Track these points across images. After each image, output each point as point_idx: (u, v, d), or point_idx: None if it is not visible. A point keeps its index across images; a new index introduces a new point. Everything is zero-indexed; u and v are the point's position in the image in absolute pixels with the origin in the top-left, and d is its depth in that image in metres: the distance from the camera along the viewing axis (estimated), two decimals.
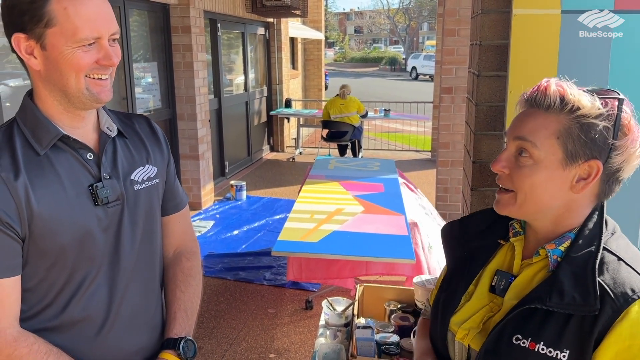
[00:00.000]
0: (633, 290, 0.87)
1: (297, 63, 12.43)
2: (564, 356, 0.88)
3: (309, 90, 13.81)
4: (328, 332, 2.07)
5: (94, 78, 1.07)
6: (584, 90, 0.95)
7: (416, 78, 30.74)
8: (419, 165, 8.48)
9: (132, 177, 1.19)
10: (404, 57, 40.39)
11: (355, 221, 3.43)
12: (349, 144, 8.08)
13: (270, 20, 9.18)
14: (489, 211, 1.13)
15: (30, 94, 1.13)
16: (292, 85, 11.00)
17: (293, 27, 10.62)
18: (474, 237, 1.10)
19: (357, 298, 2.19)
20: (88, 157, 1.13)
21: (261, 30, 9.05)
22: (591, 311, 0.87)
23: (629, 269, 0.91)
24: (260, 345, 3.33)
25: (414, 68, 31.70)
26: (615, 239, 0.97)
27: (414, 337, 1.78)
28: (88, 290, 1.13)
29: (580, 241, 0.95)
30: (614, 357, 0.86)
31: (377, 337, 1.96)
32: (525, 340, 0.91)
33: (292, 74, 11.24)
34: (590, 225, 0.97)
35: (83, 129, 1.14)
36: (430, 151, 9.28)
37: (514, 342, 0.92)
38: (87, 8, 1.01)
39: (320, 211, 3.61)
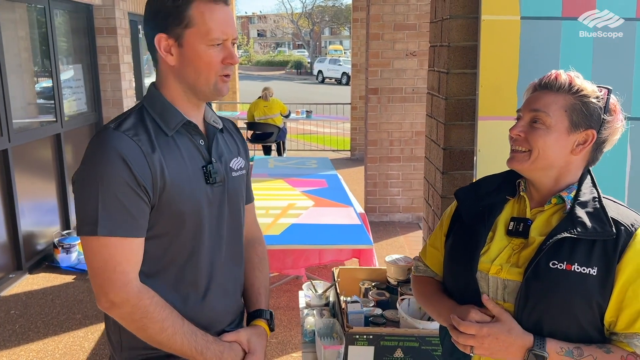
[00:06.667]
0: (636, 220, 1.19)
1: None
2: (593, 271, 1.14)
3: None
4: (315, 312, 2.23)
5: (222, 76, 1.23)
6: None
7: (322, 81, 31.45)
8: (341, 164, 8.80)
9: (230, 164, 1.36)
10: (309, 60, 41.08)
11: (309, 214, 3.61)
12: (274, 144, 8.24)
13: None
14: (496, 176, 1.39)
15: (154, 85, 1.28)
16: None
17: None
18: (485, 196, 1.35)
19: (337, 279, 2.37)
20: (200, 142, 1.29)
21: None
22: (609, 236, 1.15)
23: (625, 208, 1.22)
24: None
25: (320, 72, 32.42)
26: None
27: (400, 307, 2.00)
28: (197, 258, 1.26)
29: (583, 190, 1.24)
30: (635, 268, 1.14)
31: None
32: (561, 264, 1.16)
33: None
34: (587, 181, 1.26)
35: (196, 118, 1.30)
36: (349, 150, 9.67)
37: (552, 266, 1.16)
38: (219, 14, 1.19)
39: (274, 207, 3.75)
